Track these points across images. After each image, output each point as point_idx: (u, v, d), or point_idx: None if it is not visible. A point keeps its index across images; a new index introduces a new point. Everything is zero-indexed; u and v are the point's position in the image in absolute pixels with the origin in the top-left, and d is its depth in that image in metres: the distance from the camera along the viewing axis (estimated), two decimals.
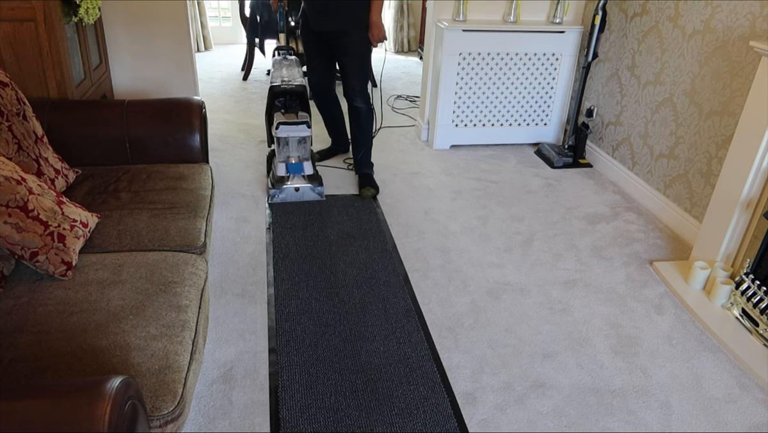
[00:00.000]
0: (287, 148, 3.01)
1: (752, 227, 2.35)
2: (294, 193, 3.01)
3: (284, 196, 3.01)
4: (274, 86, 3.06)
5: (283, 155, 3.03)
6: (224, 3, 6.54)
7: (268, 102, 3.13)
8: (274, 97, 3.09)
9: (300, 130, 2.93)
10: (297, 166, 3.02)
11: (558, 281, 2.54)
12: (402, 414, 1.82)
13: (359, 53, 3.01)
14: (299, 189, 3.01)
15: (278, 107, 3.13)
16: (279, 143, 2.99)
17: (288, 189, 3.00)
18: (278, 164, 3.03)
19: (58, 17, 2.44)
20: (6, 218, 1.54)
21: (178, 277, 1.69)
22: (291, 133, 2.93)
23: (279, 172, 3.03)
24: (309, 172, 3.05)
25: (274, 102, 3.11)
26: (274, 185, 3.02)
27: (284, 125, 2.92)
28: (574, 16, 3.73)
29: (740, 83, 2.55)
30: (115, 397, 1.04)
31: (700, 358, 2.14)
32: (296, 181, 3.02)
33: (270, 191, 3.03)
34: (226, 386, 1.90)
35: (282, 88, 3.04)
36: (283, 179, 3.02)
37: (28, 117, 2.02)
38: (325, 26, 2.96)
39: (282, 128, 2.92)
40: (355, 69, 3.04)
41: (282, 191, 3.00)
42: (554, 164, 3.66)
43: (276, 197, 3.02)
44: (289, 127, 2.92)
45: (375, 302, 2.32)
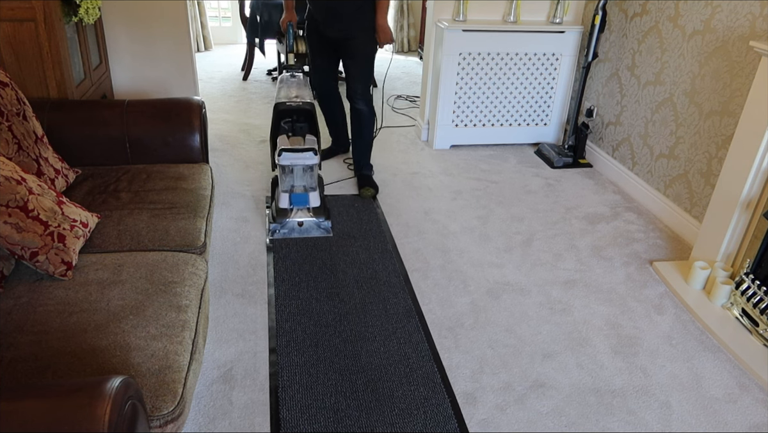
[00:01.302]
0: (291, 176, 2.67)
1: (752, 227, 2.35)
2: (297, 229, 2.73)
3: (286, 231, 2.72)
4: (280, 104, 2.74)
5: (286, 184, 2.68)
6: (224, 3, 6.54)
7: (273, 122, 2.79)
8: (279, 116, 2.77)
9: (306, 158, 2.58)
10: (301, 198, 2.68)
11: (558, 281, 2.54)
12: (402, 414, 1.82)
13: (364, 56, 3.02)
14: (303, 224, 2.72)
15: (284, 129, 2.81)
16: (282, 171, 2.66)
17: (291, 223, 2.72)
18: (281, 194, 2.70)
19: (58, 17, 2.44)
20: (6, 218, 1.54)
21: (178, 277, 1.69)
22: (295, 161, 2.59)
23: (281, 203, 2.71)
24: (315, 204, 2.72)
25: (280, 123, 2.80)
26: (275, 219, 2.72)
27: (288, 152, 2.57)
28: (574, 16, 3.73)
29: (740, 83, 2.55)
30: (115, 397, 1.04)
31: (700, 358, 2.14)
32: (300, 215, 2.73)
33: (270, 226, 2.73)
34: (226, 386, 1.90)
35: (288, 107, 2.73)
36: (285, 212, 2.72)
37: (28, 117, 2.02)
38: (334, 31, 2.96)
39: (285, 155, 2.57)
40: (359, 71, 3.04)
41: (284, 226, 2.71)
42: (554, 164, 3.66)
43: (277, 233, 2.72)
44: (293, 155, 2.58)
45: (375, 302, 2.32)
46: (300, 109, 2.74)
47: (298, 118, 2.78)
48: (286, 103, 2.72)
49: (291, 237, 2.70)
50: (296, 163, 2.59)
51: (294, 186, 2.69)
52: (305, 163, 2.60)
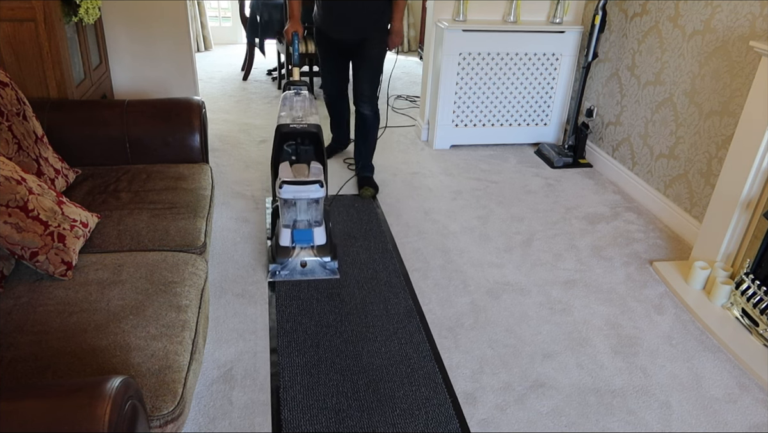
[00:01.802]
0: (294, 209, 2.37)
1: (752, 227, 2.35)
2: (300, 270, 2.42)
3: (288, 273, 2.42)
4: (282, 126, 2.44)
5: (288, 218, 2.39)
6: (224, 3, 6.54)
7: (274, 146, 2.49)
8: (282, 139, 2.47)
9: (311, 190, 2.29)
10: (305, 235, 2.40)
11: (558, 281, 2.54)
12: (404, 415, 1.82)
13: (375, 60, 2.99)
14: (306, 264, 2.42)
15: (287, 153, 2.53)
16: (284, 203, 2.37)
17: (293, 264, 2.42)
18: (282, 230, 2.42)
19: (58, 17, 2.44)
20: (6, 218, 1.54)
21: (178, 277, 1.69)
22: (299, 194, 2.29)
23: (282, 240, 2.42)
24: (320, 242, 2.44)
25: (282, 146, 2.50)
26: (275, 258, 2.43)
27: (290, 185, 2.28)
28: (574, 16, 3.73)
29: (740, 83, 2.55)
30: (115, 397, 1.04)
31: (700, 358, 2.14)
32: (304, 254, 2.42)
33: (270, 266, 2.43)
34: (226, 386, 1.90)
35: (292, 129, 2.43)
36: (287, 250, 2.43)
37: (28, 117, 2.02)
38: (349, 33, 2.92)
39: (287, 188, 2.27)
40: (370, 74, 3.00)
41: (285, 266, 2.42)
42: (554, 164, 3.66)
43: (277, 274, 2.42)
44: (296, 188, 2.28)
45: (376, 303, 2.32)
46: (305, 132, 2.45)
47: (303, 141, 2.50)
48: (289, 125, 2.44)
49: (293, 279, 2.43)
50: (299, 197, 2.30)
51: (297, 221, 2.39)
52: (310, 197, 2.31)
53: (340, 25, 2.91)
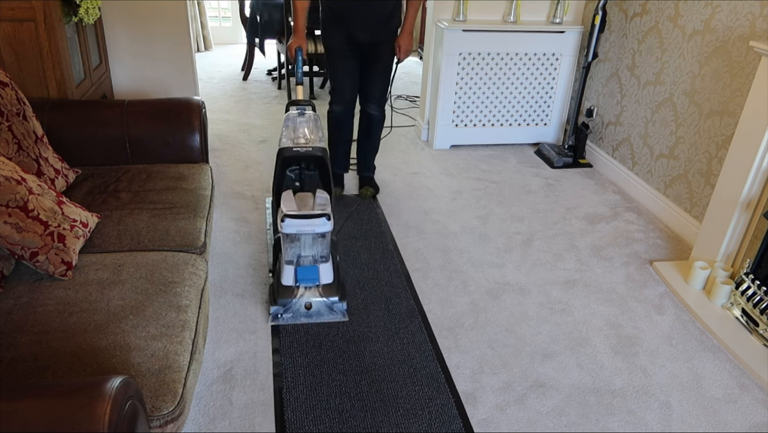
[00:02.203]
0: (297, 244, 2.12)
1: (752, 227, 2.35)
2: (304, 313, 2.20)
3: (291, 316, 2.19)
4: (285, 150, 2.25)
5: (291, 254, 2.14)
6: (224, 3, 6.54)
7: (276, 171, 2.27)
8: (284, 164, 2.27)
9: (317, 224, 2.05)
10: (310, 273, 2.16)
11: (558, 281, 2.54)
12: (407, 415, 1.82)
13: (389, 61, 2.92)
14: (311, 306, 2.19)
15: (290, 179, 2.33)
16: (286, 239, 2.12)
17: (296, 306, 2.19)
18: (284, 267, 2.17)
19: (58, 17, 2.44)
20: (6, 218, 1.54)
21: (178, 277, 1.69)
22: (303, 229, 2.05)
23: (285, 279, 2.17)
24: (327, 281, 2.19)
25: (285, 171, 2.30)
26: (276, 299, 2.18)
27: (293, 219, 2.04)
28: (574, 16, 3.73)
29: (740, 83, 2.55)
30: (115, 397, 1.04)
31: (700, 358, 2.14)
32: (308, 294, 2.18)
33: (271, 309, 2.19)
34: (226, 386, 1.90)
35: (295, 153, 2.23)
36: (290, 290, 2.18)
37: (28, 117, 2.02)
38: (368, 34, 2.80)
39: (290, 222, 2.03)
40: (382, 77, 2.94)
41: (288, 309, 2.18)
42: (554, 164, 3.66)
43: (280, 318, 2.18)
44: (300, 222, 2.04)
45: (378, 303, 2.32)
46: (310, 157, 2.25)
47: (308, 166, 2.31)
48: (292, 148, 2.24)
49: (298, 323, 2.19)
50: (304, 231, 2.07)
51: (301, 256, 2.15)
52: (316, 231, 2.08)
53: (360, 24, 2.78)
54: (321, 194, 2.16)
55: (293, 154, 2.24)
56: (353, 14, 2.75)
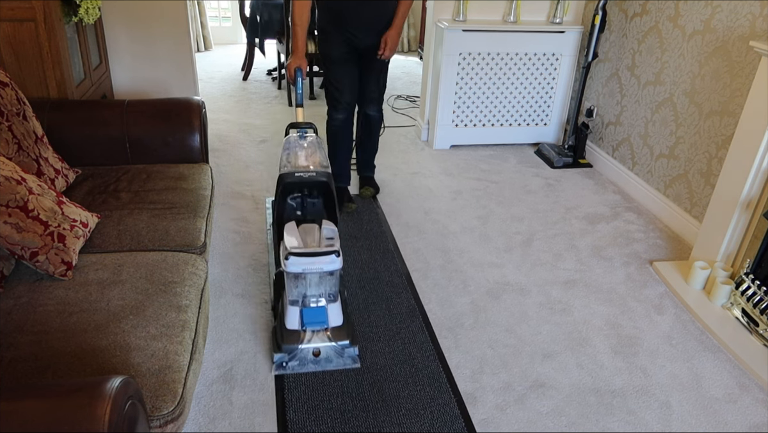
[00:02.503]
0: (303, 283, 1.90)
1: (752, 227, 2.35)
2: (312, 360, 1.98)
3: (297, 364, 1.97)
4: (286, 176, 2.04)
5: (296, 294, 1.91)
6: (224, 3, 6.54)
7: (276, 199, 2.06)
8: (285, 192, 2.07)
9: (325, 262, 1.84)
10: (317, 315, 1.94)
11: (558, 281, 2.54)
12: (409, 415, 1.82)
13: (386, 61, 2.87)
14: (320, 352, 1.98)
15: (292, 208, 2.12)
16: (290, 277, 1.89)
17: (303, 353, 1.97)
18: (288, 308, 1.95)
19: (58, 17, 2.44)
20: (6, 218, 1.54)
21: (178, 277, 1.69)
22: (310, 267, 1.83)
23: (289, 322, 1.95)
24: (336, 323, 1.99)
25: (286, 200, 2.10)
26: (280, 345, 1.96)
27: (298, 256, 1.82)
28: (574, 16, 3.73)
29: (740, 83, 2.55)
30: (115, 397, 1.04)
31: (700, 358, 2.14)
32: (316, 339, 1.97)
33: (275, 357, 1.97)
34: (226, 386, 1.90)
35: (297, 179, 2.02)
36: (295, 335, 1.96)
37: (28, 117, 2.02)
38: (370, 38, 2.74)
39: (295, 261, 1.81)
40: (381, 78, 2.91)
41: (293, 356, 1.96)
42: (554, 164, 3.66)
43: (285, 366, 1.97)
44: (307, 260, 1.82)
45: (378, 303, 2.32)
46: (313, 183, 2.05)
47: (311, 192, 2.11)
48: (294, 174, 2.03)
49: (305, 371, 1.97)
50: (311, 270, 1.85)
51: (307, 296, 1.93)
52: (324, 270, 1.85)
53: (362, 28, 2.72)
54: (328, 227, 1.95)
55: (295, 180, 2.03)
56: (353, 14, 2.69)
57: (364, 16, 2.69)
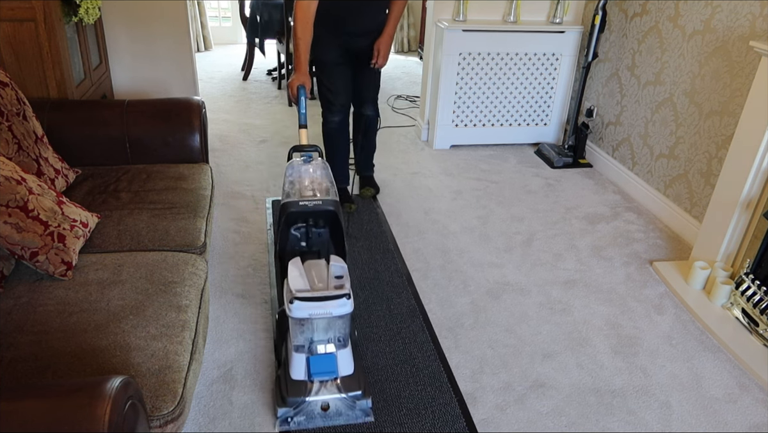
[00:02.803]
0: (310, 326, 1.69)
1: (752, 227, 2.35)
2: (320, 414, 1.77)
3: (303, 419, 1.76)
4: (289, 204, 1.84)
5: (301, 339, 1.71)
6: (224, 3, 6.54)
7: (279, 228, 1.87)
8: (288, 222, 1.87)
9: (334, 306, 1.64)
10: (326, 364, 1.73)
11: (558, 281, 2.54)
12: (410, 414, 1.82)
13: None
14: (329, 406, 1.77)
15: (295, 238, 1.92)
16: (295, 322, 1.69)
17: (310, 407, 1.77)
18: (293, 356, 1.74)
19: (58, 17, 2.44)
20: (6, 218, 1.54)
21: (178, 277, 1.69)
22: (318, 312, 1.63)
23: (294, 372, 1.75)
24: (347, 372, 1.78)
25: (290, 230, 1.90)
26: (285, 399, 1.74)
27: (303, 301, 1.62)
28: (574, 16, 3.73)
29: (740, 83, 2.55)
30: (115, 397, 1.04)
31: (700, 358, 2.14)
32: (324, 390, 1.76)
33: (279, 412, 1.76)
34: (226, 386, 1.90)
35: (302, 208, 1.83)
36: (301, 387, 1.75)
37: (28, 117, 2.02)
38: (367, 40, 2.74)
39: (300, 306, 1.62)
40: (375, 78, 2.91)
41: (300, 410, 1.75)
42: (554, 164, 3.66)
43: (290, 422, 1.76)
44: (314, 305, 1.63)
45: (379, 303, 2.32)
46: (320, 212, 1.86)
47: (316, 222, 1.90)
48: (298, 202, 1.84)
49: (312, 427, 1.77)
50: (318, 315, 1.64)
51: (314, 341, 1.72)
52: (333, 315, 1.65)
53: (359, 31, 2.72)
54: (337, 264, 1.73)
55: (300, 210, 1.83)
56: (352, 18, 2.67)
57: (363, 19, 2.69)
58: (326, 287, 1.68)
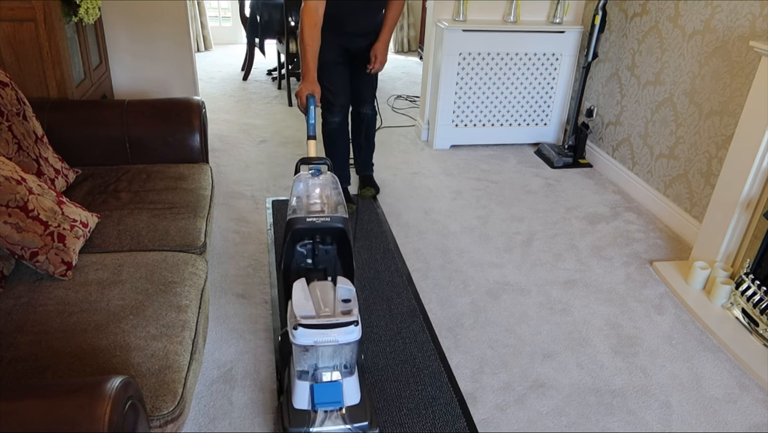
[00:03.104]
0: (315, 354, 1.60)
1: (752, 227, 2.35)
2: None
3: None
4: (296, 220, 1.73)
5: (305, 364, 1.62)
6: (224, 3, 6.54)
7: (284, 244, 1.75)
8: (294, 239, 1.77)
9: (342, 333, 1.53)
10: (331, 393, 1.63)
11: (558, 281, 2.54)
12: (411, 414, 1.82)
13: None
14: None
15: (301, 255, 1.82)
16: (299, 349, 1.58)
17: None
18: (296, 384, 1.64)
19: (58, 17, 2.44)
20: (6, 218, 1.54)
21: (178, 277, 1.69)
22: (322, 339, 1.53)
23: (297, 401, 1.65)
24: (353, 402, 1.67)
25: (295, 247, 1.80)
26: (286, 430, 1.63)
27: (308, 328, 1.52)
28: (574, 16, 3.73)
29: (740, 83, 2.55)
30: (115, 397, 1.04)
31: (700, 358, 2.14)
32: (329, 422, 1.64)
33: None
34: (226, 386, 1.90)
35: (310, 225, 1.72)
36: (304, 417, 1.64)
37: (28, 117, 2.02)
38: (367, 41, 2.75)
39: (304, 333, 1.52)
40: (373, 78, 2.91)
41: None
42: (554, 164, 3.66)
43: None
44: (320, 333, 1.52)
45: (379, 302, 2.32)
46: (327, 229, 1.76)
47: (323, 239, 1.81)
48: (305, 218, 1.73)
49: None
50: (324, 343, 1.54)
51: (318, 367, 1.63)
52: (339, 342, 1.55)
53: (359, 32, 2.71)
54: (344, 286, 1.63)
55: (307, 227, 1.72)
56: (352, 19, 2.66)
57: (363, 19, 2.69)
58: (333, 312, 1.57)
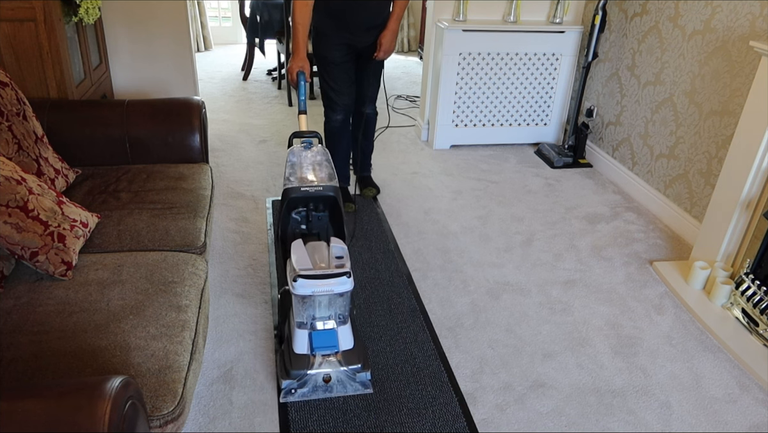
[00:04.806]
0: (312, 304, 1.81)
1: (752, 227, 2.35)
2: (322, 386, 1.88)
3: (306, 391, 1.87)
4: (291, 190, 1.94)
5: (304, 315, 1.82)
6: (224, 3, 6.54)
7: (281, 213, 1.98)
8: (290, 207, 1.99)
9: (336, 284, 1.74)
10: (327, 338, 1.86)
11: (558, 281, 2.54)
12: (411, 414, 1.82)
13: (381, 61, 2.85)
14: (330, 378, 1.87)
15: (296, 221, 2.04)
16: (298, 300, 1.80)
17: (312, 379, 1.87)
18: (295, 332, 1.85)
19: (58, 17, 2.44)
20: (6, 218, 1.54)
21: (178, 277, 1.69)
22: (321, 290, 1.75)
23: (297, 347, 1.86)
24: (347, 346, 1.89)
25: (290, 214, 2.02)
26: (288, 370, 1.84)
27: (306, 279, 1.72)
28: (574, 16, 3.73)
29: (740, 83, 2.55)
30: (115, 397, 1.04)
31: (700, 358, 2.14)
32: (326, 364, 1.86)
33: (283, 384, 1.85)
34: (226, 386, 1.90)
35: (304, 194, 1.93)
36: (304, 360, 1.85)
37: (28, 117, 2.02)
38: (370, 37, 2.73)
39: (303, 283, 1.72)
40: (377, 77, 2.90)
41: (302, 383, 1.86)
42: (554, 164, 3.66)
43: (294, 394, 1.87)
44: (317, 283, 1.73)
45: (380, 302, 2.32)
46: (320, 197, 1.97)
47: (316, 207, 2.02)
48: (300, 188, 1.94)
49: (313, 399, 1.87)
50: (321, 292, 1.75)
51: (316, 318, 1.83)
52: (334, 292, 1.76)
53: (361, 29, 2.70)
54: (337, 245, 1.84)
55: (301, 195, 1.93)
56: (355, 15, 2.65)
57: (366, 16, 2.67)
58: (328, 266, 1.78)
